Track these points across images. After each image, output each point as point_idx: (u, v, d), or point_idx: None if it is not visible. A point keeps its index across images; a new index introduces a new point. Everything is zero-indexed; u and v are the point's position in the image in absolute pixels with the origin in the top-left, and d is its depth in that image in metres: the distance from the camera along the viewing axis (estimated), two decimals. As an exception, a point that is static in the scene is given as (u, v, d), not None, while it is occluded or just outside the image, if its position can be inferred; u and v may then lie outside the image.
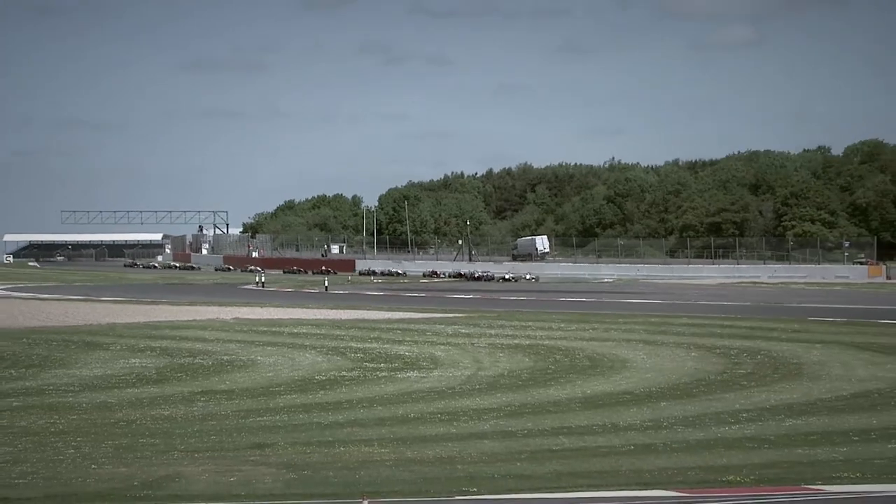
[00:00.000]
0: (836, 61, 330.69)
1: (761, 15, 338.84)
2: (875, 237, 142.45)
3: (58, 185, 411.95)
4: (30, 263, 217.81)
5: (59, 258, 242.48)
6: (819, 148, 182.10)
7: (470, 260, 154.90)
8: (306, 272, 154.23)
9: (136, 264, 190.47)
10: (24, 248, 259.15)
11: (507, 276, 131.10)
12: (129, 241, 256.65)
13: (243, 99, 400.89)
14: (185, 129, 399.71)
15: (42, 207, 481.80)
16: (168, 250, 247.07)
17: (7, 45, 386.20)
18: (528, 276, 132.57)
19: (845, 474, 24.13)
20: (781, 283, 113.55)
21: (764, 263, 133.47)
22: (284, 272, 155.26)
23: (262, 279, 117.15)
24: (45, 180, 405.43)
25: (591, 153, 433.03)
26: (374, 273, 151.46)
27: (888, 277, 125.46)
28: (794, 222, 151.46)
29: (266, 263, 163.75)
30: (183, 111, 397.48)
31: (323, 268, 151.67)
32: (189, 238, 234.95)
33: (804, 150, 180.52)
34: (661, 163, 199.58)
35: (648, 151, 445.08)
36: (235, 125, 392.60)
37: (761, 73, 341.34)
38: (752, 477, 23.86)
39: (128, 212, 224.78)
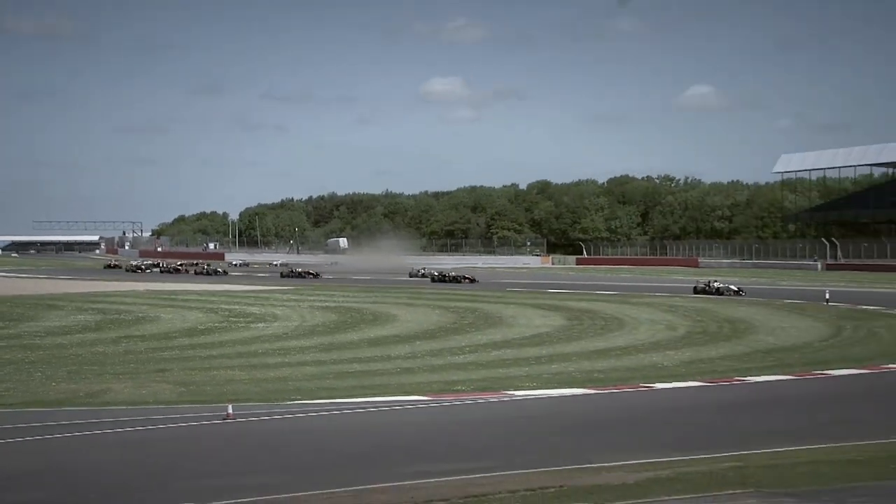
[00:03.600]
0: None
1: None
2: (545, 239, 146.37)
3: (30, 200, 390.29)
4: (12, 255, 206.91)
5: (31, 252, 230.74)
6: (512, 184, 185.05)
7: (298, 253, 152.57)
8: (187, 271, 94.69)
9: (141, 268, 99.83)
10: (8, 246, 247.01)
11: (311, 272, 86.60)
12: (77, 240, 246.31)
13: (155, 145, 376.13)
14: (113, 162, 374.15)
15: (19, 216, 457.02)
16: (102, 247, 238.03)
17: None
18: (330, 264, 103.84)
19: (527, 384, 24.91)
20: (490, 267, 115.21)
21: (480, 255, 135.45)
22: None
23: (166, 265, 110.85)
24: (21, 196, 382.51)
25: (372, 185, 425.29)
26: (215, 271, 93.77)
27: (552, 263, 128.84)
28: (497, 230, 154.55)
29: (167, 255, 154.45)
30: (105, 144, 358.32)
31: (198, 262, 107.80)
32: (116, 238, 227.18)
33: (503, 185, 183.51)
34: (417, 192, 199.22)
35: (411, 184, 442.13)
36: (150, 169, 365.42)
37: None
38: (472, 387, 24.44)
39: (76, 221, 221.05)
